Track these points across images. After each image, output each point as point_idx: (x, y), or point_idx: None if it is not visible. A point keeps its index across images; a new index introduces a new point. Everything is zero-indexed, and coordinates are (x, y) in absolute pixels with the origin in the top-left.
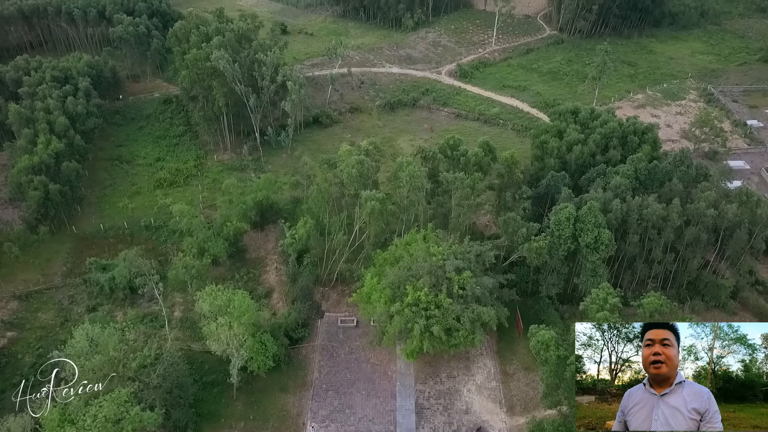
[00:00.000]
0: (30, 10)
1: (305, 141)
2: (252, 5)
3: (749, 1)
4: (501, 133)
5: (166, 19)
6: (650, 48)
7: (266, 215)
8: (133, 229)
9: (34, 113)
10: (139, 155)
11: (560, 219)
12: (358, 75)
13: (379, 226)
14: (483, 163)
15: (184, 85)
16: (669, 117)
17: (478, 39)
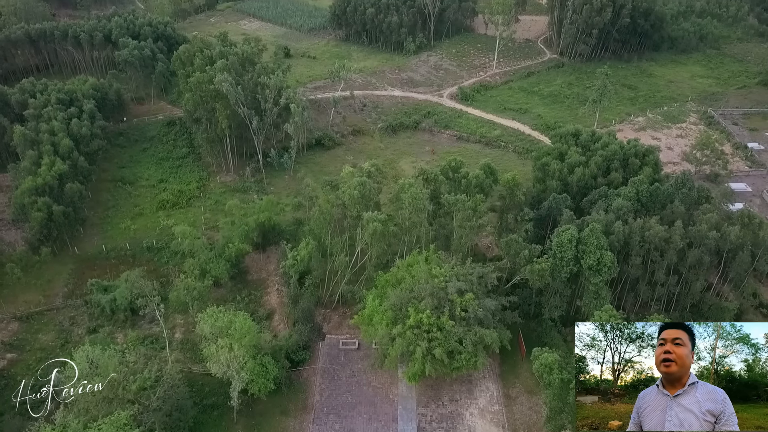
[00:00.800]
0: (37, 34)
1: (308, 163)
2: (256, 29)
3: (747, 26)
4: (502, 156)
5: (171, 43)
6: (650, 71)
7: (268, 237)
8: (135, 250)
9: (38, 135)
10: (142, 177)
11: (562, 241)
12: (361, 98)
13: (380, 247)
14: (484, 185)
15: (188, 107)
16: (670, 139)
17: (480, 62)
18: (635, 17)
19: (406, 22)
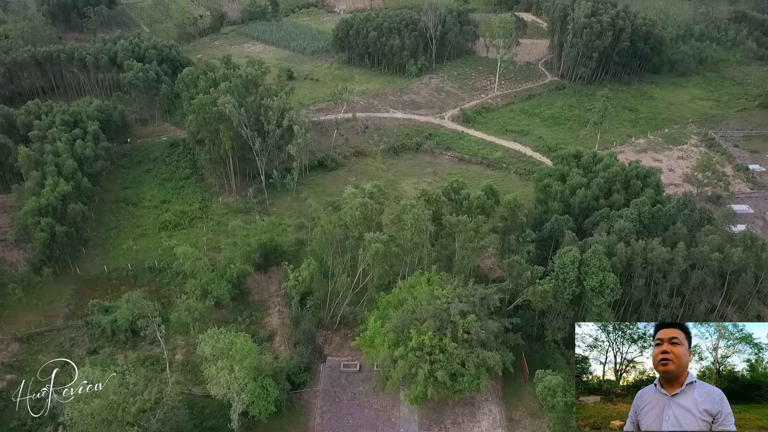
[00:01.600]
0: (43, 56)
1: (310, 184)
2: (259, 52)
3: (746, 50)
4: (504, 177)
5: (175, 65)
6: (650, 94)
7: (270, 257)
8: (137, 270)
9: (43, 156)
10: (145, 197)
11: (565, 262)
12: (363, 120)
13: (382, 268)
14: (486, 206)
15: (191, 128)
16: (671, 161)
17: (481, 85)
18: (635, 41)
19: (408, 45)
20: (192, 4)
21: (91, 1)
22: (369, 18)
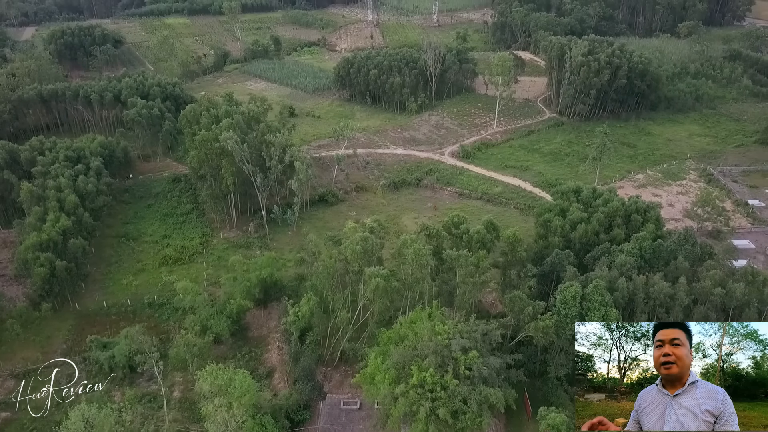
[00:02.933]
0: (49, 94)
1: (311, 219)
2: (261, 89)
3: (742, 87)
4: (504, 212)
5: (178, 102)
6: (648, 130)
7: (270, 293)
8: (136, 306)
9: (45, 191)
10: (145, 232)
11: (566, 297)
12: (364, 156)
13: (383, 303)
14: (486, 241)
15: (193, 164)
16: (671, 196)
17: (480, 121)
18: (632, 78)
19: (408, 83)
20: (196, 43)
21: (98, 40)
22: (370, 56)
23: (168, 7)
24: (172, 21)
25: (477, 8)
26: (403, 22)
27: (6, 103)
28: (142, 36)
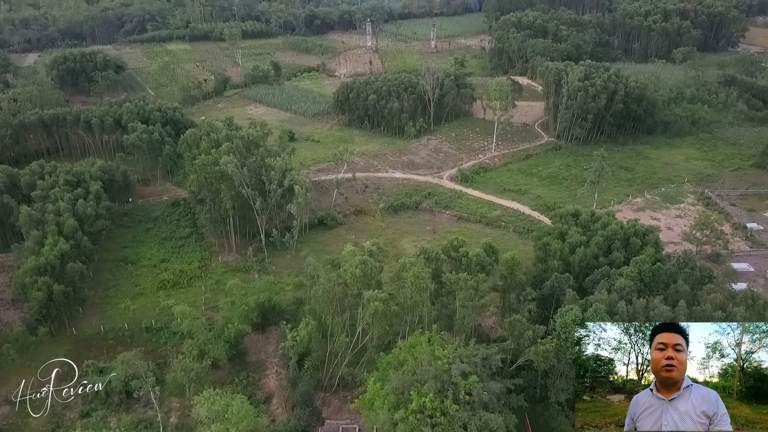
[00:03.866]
0: (50, 119)
1: (310, 242)
2: (261, 114)
3: (737, 111)
4: (503, 236)
5: (179, 127)
6: (645, 154)
7: (268, 317)
8: (134, 330)
9: (44, 215)
10: (144, 256)
11: (566, 321)
12: (363, 179)
13: (382, 327)
14: (485, 264)
15: (193, 188)
16: (669, 220)
17: (479, 145)
18: (628, 103)
19: (406, 108)
20: (197, 68)
21: (99, 66)
22: (369, 82)
23: (169, 34)
24: (174, 47)
25: (474, 34)
26: (402, 48)
27: (7, 128)
28: (143, 62)
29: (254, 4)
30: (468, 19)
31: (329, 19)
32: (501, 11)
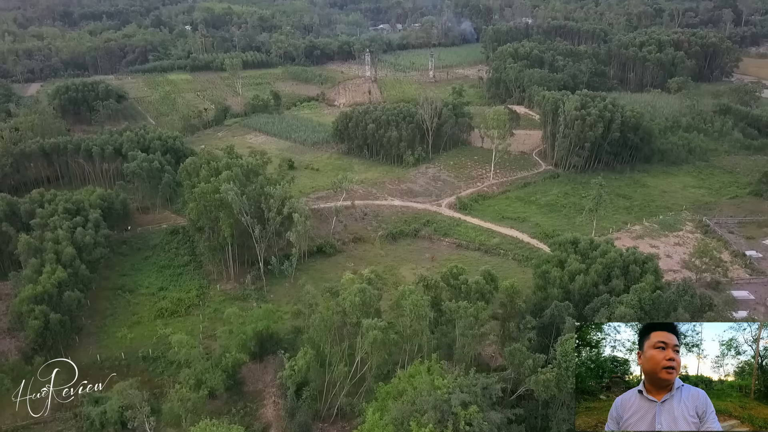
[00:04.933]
0: (51, 147)
1: (309, 270)
2: (261, 143)
3: (733, 140)
4: (502, 263)
5: (178, 156)
6: (643, 182)
7: (266, 346)
8: (130, 360)
9: (43, 243)
10: (142, 285)
11: (567, 350)
12: (362, 207)
13: (381, 356)
14: (485, 292)
15: (192, 216)
16: (668, 247)
17: (477, 174)
18: (625, 131)
19: (405, 137)
20: (197, 98)
21: (101, 95)
22: (368, 111)
23: (171, 64)
24: (175, 77)
25: (472, 64)
26: (400, 77)
27: (8, 157)
28: (144, 91)
29: (255, 35)
30: (465, 50)
31: (329, 49)
32: (498, 42)
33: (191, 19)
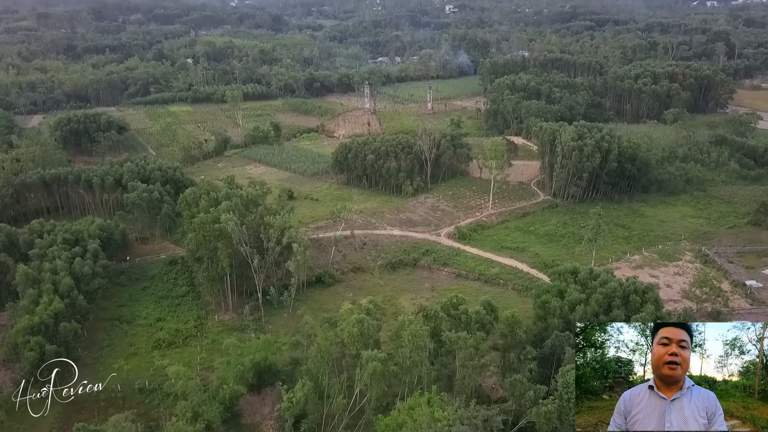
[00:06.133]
0: (51, 178)
1: (307, 300)
2: (261, 173)
3: (730, 170)
4: (502, 293)
5: (178, 186)
6: (641, 212)
7: (264, 377)
8: (126, 392)
9: (41, 274)
10: (139, 315)
11: (568, 381)
12: (361, 237)
13: (380, 388)
14: (485, 322)
15: (191, 246)
16: (668, 277)
17: (475, 204)
18: (622, 162)
19: (404, 167)
20: (198, 129)
21: (102, 127)
22: (367, 142)
23: (172, 96)
24: (176, 109)
25: (470, 96)
26: (399, 109)
27: (8, 187)
28: (146, 123)
29: (255, 67)
30: (463, 82)
31: (328, 82)
32: (495, 74)
33: (193, 52)
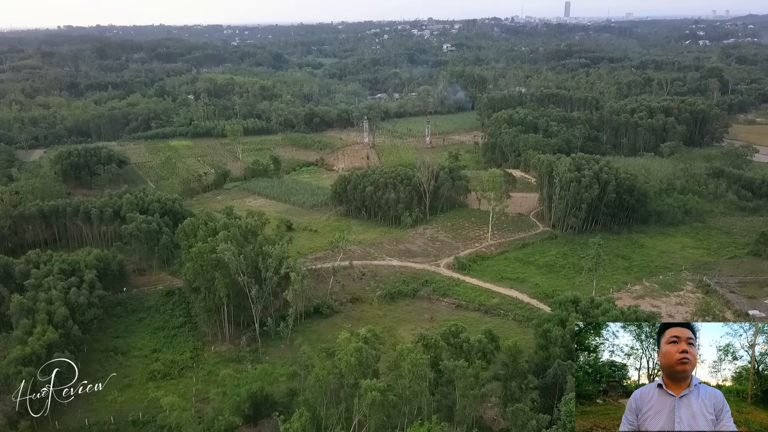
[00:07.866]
0: (50, 210)
1: (305, 331)
2: (260, 205)
3: (728, 202)
4: (503, 324)
5: (177, 218)
6: (641, 242)
7: (260, 408)
8: (119, 424)
9: (36, 304)
10: (135, 346)
11: (571, 410)
12: (360, 267)
13: (379, 418)
14: (486, 350)
15: (188, 276)
16: (669, 307)
17: (475, 234)
18: (620, 193)
19: (402, 199)
20: (197, 162)
21: (103, 160)
22: (366, 174)
23: (173, 131)
24: (176, 143)
25: (468, 131)
26: (398, 144)
27: (7, 219)
28: (146, 157)
29: (256, 103)
30: (461, 117)
31: (328, 117)
32: (493, 109)
33: (194, 88)
